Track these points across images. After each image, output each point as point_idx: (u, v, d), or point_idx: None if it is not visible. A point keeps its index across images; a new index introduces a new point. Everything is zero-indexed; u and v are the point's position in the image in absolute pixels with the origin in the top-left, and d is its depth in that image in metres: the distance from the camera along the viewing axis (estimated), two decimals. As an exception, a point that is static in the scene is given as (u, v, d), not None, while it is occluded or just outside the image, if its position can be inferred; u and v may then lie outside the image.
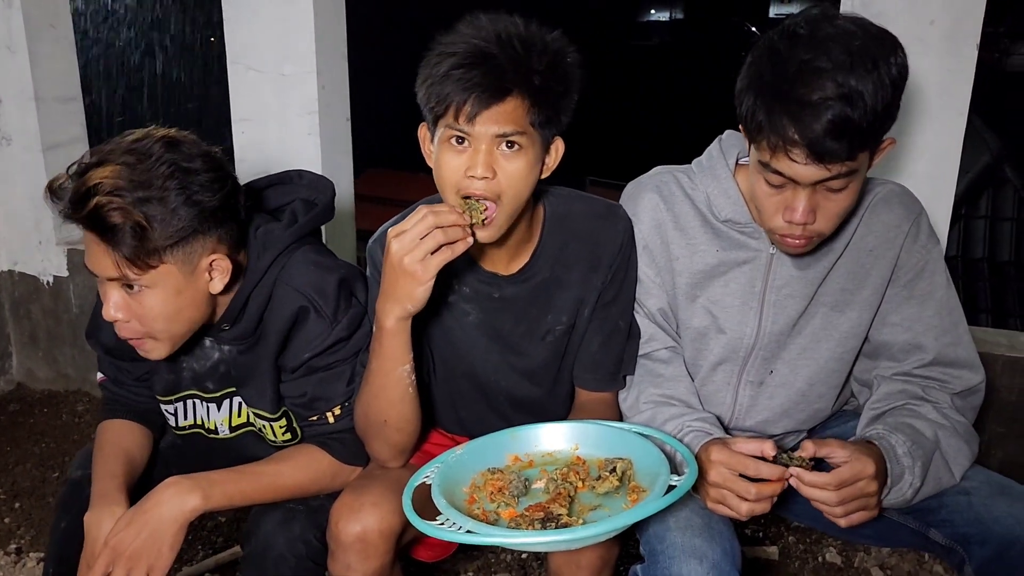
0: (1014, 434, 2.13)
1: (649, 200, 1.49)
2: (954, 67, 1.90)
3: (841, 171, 1.20)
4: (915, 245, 1.43)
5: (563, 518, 1.14)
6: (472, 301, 1.48)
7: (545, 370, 1.55)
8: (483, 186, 1.27)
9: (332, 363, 1.49)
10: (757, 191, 1.31)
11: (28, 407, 2.97)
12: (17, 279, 3.00)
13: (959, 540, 1.29)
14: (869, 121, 1.16)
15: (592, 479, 1.25)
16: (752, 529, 2.18)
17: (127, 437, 1.58)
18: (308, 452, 1.49)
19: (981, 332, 2.25)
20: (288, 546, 1.38)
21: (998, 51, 18.66)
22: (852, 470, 1.20)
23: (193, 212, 1.29)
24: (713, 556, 1.21)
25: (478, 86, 1.23)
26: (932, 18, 1.89)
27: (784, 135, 1.17)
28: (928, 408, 1.38)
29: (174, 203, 1.27)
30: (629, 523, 1.08)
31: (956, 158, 1.97)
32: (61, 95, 2.82)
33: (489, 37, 1.26)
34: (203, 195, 1.30)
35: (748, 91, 1.24)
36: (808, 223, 1.26)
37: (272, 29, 2.40)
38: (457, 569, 2.05)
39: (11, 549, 2.16)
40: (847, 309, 1.45)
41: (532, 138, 1.29)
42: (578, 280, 1.48)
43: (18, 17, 2.64)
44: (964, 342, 1.44)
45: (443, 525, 1.11)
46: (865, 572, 2.04)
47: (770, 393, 1.52)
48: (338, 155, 2.57)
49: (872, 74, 1.15)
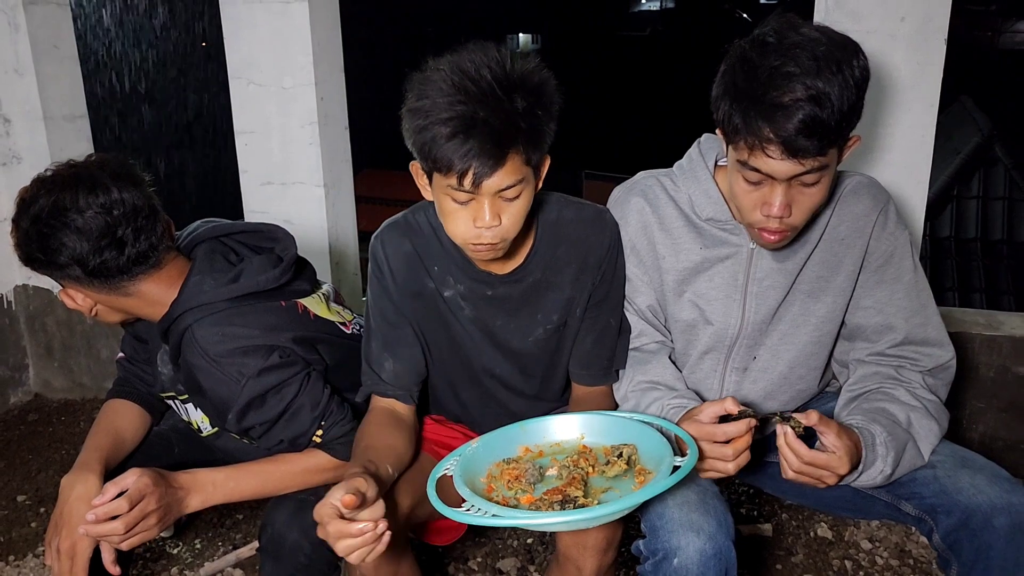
0: (993, 408, 2.23)
1: (635, 204, 1.58)
2: (924, 60, 1.99)
3: (814, 166, 1.28)
4: (884, 233, 1.51)
5: (580, 499, 1.24)
6: (467, 299, 1.57)
7: (537, 363, 1.64)
8: (491, 234, 1.35)
9: (280, 412, 1.50)
10: (736, 189, 1.39)
11: (46, 416, 3.07)
12: (31, 293, 3.10)
13: (927, 511, 1.38)
14: (836, 120, 1.24)
15: (601, 465, 1.34)
16: (747, 508, 2.28)
17: (124, 418, 1.66)
18: (309, 454, 1.55)
19: (960, 312, 2.35)
20: (302, 534, 1.45)
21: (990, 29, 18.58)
22: (828, 462, 1.30)
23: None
24: (709, 528, 1.29)
25: (476, 157, 1.26)
26: (902, 15, 1.98)
27: (760, 135, 1.26)
28: (901, 391, 1.47)
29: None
30: (644, 499, 1.18)
31: (929, 147, 2.06)
32: (68, 113, 2.91)
33: (472, 95, 1.26)
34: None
35: (724, 97, 1.33)
36: (784, 217, 1.34)
37: (271, 44, 2.49)
38: (466, 555, 2.14)
39: (40, 551, 2.26)
40: (822, 296, 1.53)
41: (529, 175, 1.37)
42: (569, 282, 1.57)
43: (25, 41, 2.74)
44: (933, 322, 1.52)
45: (469, 511, 1.20)
46: (855, 545, 2.13)
47: (754, 378, 1.60)
48: (338, 163, 2.66)
49: (837, 76, 1.24)
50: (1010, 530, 1.28)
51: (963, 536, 1.32)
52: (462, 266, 1.54)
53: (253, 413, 1.49)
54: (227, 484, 1.48)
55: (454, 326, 1.59)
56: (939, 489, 1.36)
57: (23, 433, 2.95)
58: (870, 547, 2.12)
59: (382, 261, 1.55)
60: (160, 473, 1.42)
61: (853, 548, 2.13)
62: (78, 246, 1.38)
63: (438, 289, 1.56)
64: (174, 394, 1.65)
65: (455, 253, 1.53)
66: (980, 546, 1.30)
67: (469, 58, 1.30)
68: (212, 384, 1.48)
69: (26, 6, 2.71)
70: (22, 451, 2.82)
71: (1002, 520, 1.28)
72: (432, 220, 1.55)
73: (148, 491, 1.37)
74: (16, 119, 2.86)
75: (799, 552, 2.12)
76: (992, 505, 1.30)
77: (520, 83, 1.30)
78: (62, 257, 1.39)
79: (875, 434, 1.37)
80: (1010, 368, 2.20)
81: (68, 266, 1.41)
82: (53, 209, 1.38)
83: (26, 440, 2.90)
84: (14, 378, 3.16)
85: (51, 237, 1.39)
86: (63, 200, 1.38)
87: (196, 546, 2.25)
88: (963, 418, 2.26)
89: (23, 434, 2.94)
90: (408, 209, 1.59)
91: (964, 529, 1.32)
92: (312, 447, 1.54)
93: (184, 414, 1.69)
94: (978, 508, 1.30)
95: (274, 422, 1.50)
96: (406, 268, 1.55)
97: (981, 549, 1.30)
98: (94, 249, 1.39)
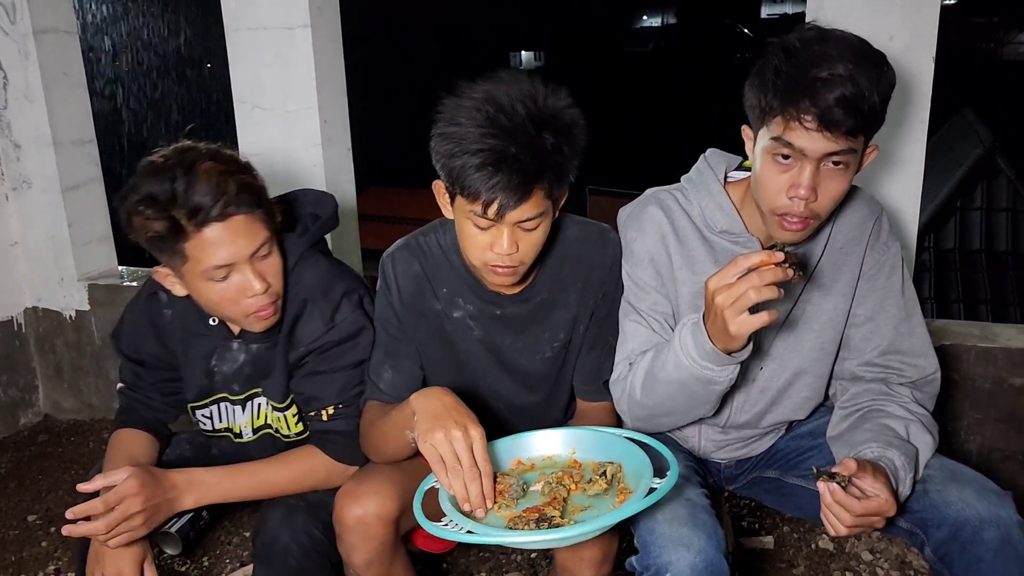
0: (990, 420, 2.25)
1: (653, 213, 1.58)
2: (914, 78, 2.03)
3: (843, 147, 1.31)
4: (878, 242, 1.56)
5: (556, 519, 1.25)
6: (476, 319, 1.60)
7: (543, 381, 1.67)
8: (507, 260, 1.40)
9: (322, 370, 1.61)
10: (764, 173, 1.39)
11: (56, 437, 3.11)
12: (41, 315, 3.14)
13: (919, 524, 1.39)
14: (869, 105, 1.29)
15: (584, 482, 1.36)
16: (748, 521, 2.29)
17: (136, 445, 1.71)
18: (304, 450, 1.62)
19: (956, 324, 2.37)
20: (292, 537, 1.50)
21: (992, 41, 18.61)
22: (879, 507, 1.27)
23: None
24: (699, 542, 1.30)
25: (503, 190, 1.31)
26: (891, 34, 2.02)
27: (798, 106, 1.29)
28: (895, 407, 1.49)
29: None
30: (611, 524, 1.18)
31: (920, 162, 2.09)
32: (77, 138, 2.97)
33: (505, 129, 1.31)
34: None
35: (761, 82, 1.36)
36: (811, 200, 1.35)
37: (275, 69, 2.55)
38: (471, 570, 2.16)
39: (51, 571, 2.29)
40: (823, 303, 1.56)
41: (548, 208, 1.41)
42: (575, 300, 1.60)
43: (35, 68, 2.80)
44: (918, 333, 1.55)
45: (447, 526, 1.23)
46: (856, 557, 2.15)
47: (761, 387, 1.62)
48: (342, 184, 2.71)
49: (874, 70, 1.30)
50: (999, 543, 1.30)
51: (953, 549, 1.34)
52: (472, 286, 1.58)
53: (335, 351, 1.61)
54: (222, 484, 1.54)
55: (460, 347, 1.62)
56: (929, 503, 1.38)
57: (33, 454, 2.98)
58: (871, 559, 2.13)
59: (391, 279, 1.60)
60: (152, 473, 1.47)
61: (854, 560, 2.14)
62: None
63: (445, 311, 1.60)
64: (225, 395, 1.70)
65: (465, 274, 1.57)
66: (970, 559, 1.32)
67: (505, 90, 1.35)
68: (305, 315, 1.59)
69: (36, 34, 2.78)
70: (32, 471, 2.85)
71: (991, 533, 1.30)
72: (442, 242, 1.60)
73: (132, 493, 1.43)
74: (26, 144, 2.91)
75: (800, 564, 2.14)
76: (980, 518, 1.31)
77: (551, 120, 1.35)
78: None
79: (894, 459, 1.36)
80: (1006, 379, 2.21)
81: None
82: None
83: (36, 461, 2.93)
84: (24, 399, 3.19)
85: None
86: None
87: (204, 563, 2.27)
88: (960, 430, 2.28)
89: (33, 455, 2.98)
90: (419, 231, 1.63)
91: (954, 542, 1.33)
92: (315, 422, 1.61)
93: (227, 418, 1.74)
94: (967, 521, 1.32)
95: (317, 373, 1.61)
96: (413, 288, 1.59)
97: (971, 562, 1.32)
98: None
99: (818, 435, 1.65)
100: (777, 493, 1.74)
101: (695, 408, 1.48)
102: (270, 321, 1.56)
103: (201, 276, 1.46)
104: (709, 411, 1.49)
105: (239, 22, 2.55)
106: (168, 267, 1.50)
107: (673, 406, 1.48)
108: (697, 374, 1.36)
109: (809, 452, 1.66)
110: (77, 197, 2.96)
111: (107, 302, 3.01)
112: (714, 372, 1.34)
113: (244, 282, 1.48)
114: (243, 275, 1.47)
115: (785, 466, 1.71)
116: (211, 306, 1.54)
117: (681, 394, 1.43)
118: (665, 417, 1.53)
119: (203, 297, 1.51)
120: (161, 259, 1.50)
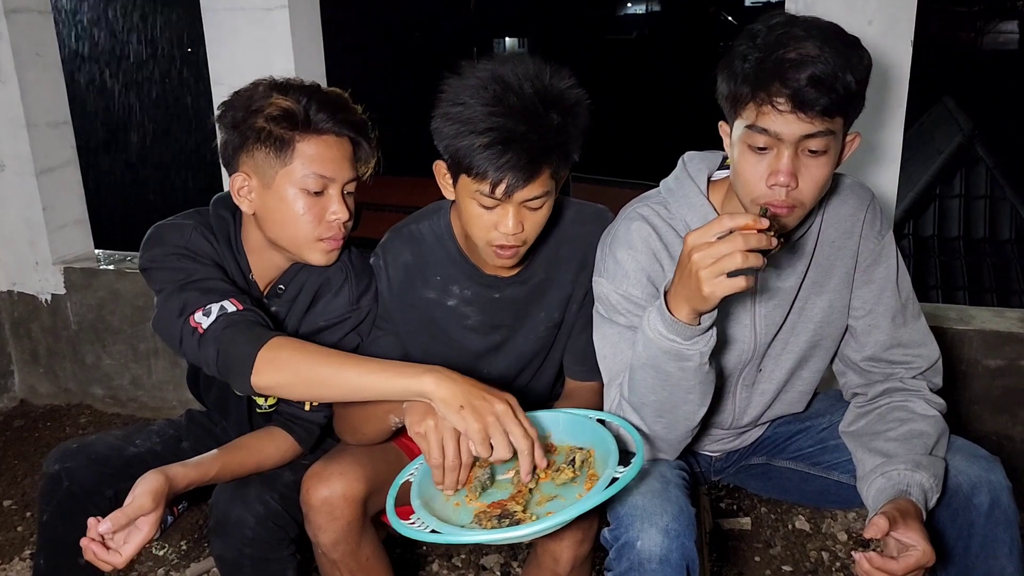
0: (964, 401, 2.28)
1: (641, 230, 1.49)
2: (892, 63, 2.04)
3: (820, 129, 1.26)
4: (871, 232, 1.52)
5: (518, 514, 1.24)
6: (473, 303, 1.60)
7: (535, 358, 1.67)
8: (512, 239, 1.40)
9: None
10: (741, 164, 1.35)
11: (32, 422, 3.08)
12: (16, 299, 3.10)
13: None
14: (844, 84, 1.24)
15: (554, 470, 1.34)
16: (727, 502, 2.32)
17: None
18: (272, 433, 1.59)
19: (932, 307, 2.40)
20: (245, 507, 1.48)
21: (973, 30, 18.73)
22: (920, 560, 1.22)
23: None
24: (668, 516, 1.30)
25: (512, 169, 1.31)
26: (870, 18, 2.03)
27: (769, 89, 1.26)
28: (919, 403, 1.47)
29: None
30: (568, 519, 1.17)
31: (898, 148, 2.11)
32: (52, 120, 2.93)
33: (514, 108, 1.30)
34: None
35: (730, 70, 1.32)
36: (791, 187, 1.30)
37: (252, 50, 2.52)
38: (450, 552, 2.17)
39: (26, 555, 2.28)
40: (817, 299, 1.53)
41: (552, 188, 1.41)
42: (569, 280, 1.60)
43: (7, 48, 2.76)
44: (918, 322, 1.54)
45: (414, 525, 1.22)
46: (832, 536, 2.17)
47: (761, 389, 1.61)
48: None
49: (846, 49, 1.25)
50: (989, 507, 1.31)
51: (945, 516, 1.35)
52: (468, 272, 1.58)
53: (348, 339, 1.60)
54: (190, 474, 1.45)
55: (452, 336, 1.62)
56: None
57: (9, 439, 2.96)
58: (847, 539, 2.16)
59: (380, 269, 1.60)
60: (168, 488, 1.38)
61: (830, 540, 2.17)
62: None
63: (438, 299, 1.59)
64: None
65: (461, 260, 1.57)
66: (962, 525, 1.33)
67: (511, 69, 1.34)
68: (332, 289, 1.59)
69: (8, 14, 2.73)
70: (8, 456, 2.83)
71: (982, 498, 1.32)
72: (436, 228, 1.59)
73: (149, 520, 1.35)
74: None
75: (777, 544, 2.16)
76: (971, 483, 1.33)
77: (558, 99, 1.35)
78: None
79: (922, 483, 1.33)
80: (980, 361, 2.24)
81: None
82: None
83: (12, 446, 2.91)
84: (0, 384, 3.17)
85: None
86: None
87: (182, 547, 2.27)
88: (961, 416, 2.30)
89: (9, 440, 2.95)
90: (411, 217, 1.62)
91: (946, 509, 1.34)
92: (294, 407, 1.59)
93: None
94: (958, 488, 1.33)
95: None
96: (403, 278, 1.59)
97: (963, 528, 1.33)
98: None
99: (805, 419, 1.66)
100: (763, 478, 1.74)
101: (678, 398, 1.38)
102: (333, 255, 1.53)
103: (296, 183, 1.44)
104: (696, 403, 1.39)
105: (216, 3, 2.52)
106: (253, 172, 1.46)
107: (656, 400, 1.39)
108: (665, 347, 1.30)
109: (797, 436, 1.66)
110: (52, 180, 2.92)
111: (83, 286, 2.98)
112: (681, 345, 1.29)
113: (330, 205, 1.47)
114: (333, 198, 1.47)
115: (772, 451, 1.71)
116: (286, 222, 1.48)
117: (657, 379, 1.36)
118: (656, 419, 1.43)
119: (280, 211, 1.46)
120: (251, 160, 1.45)
